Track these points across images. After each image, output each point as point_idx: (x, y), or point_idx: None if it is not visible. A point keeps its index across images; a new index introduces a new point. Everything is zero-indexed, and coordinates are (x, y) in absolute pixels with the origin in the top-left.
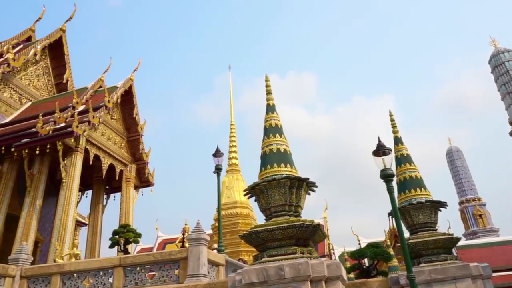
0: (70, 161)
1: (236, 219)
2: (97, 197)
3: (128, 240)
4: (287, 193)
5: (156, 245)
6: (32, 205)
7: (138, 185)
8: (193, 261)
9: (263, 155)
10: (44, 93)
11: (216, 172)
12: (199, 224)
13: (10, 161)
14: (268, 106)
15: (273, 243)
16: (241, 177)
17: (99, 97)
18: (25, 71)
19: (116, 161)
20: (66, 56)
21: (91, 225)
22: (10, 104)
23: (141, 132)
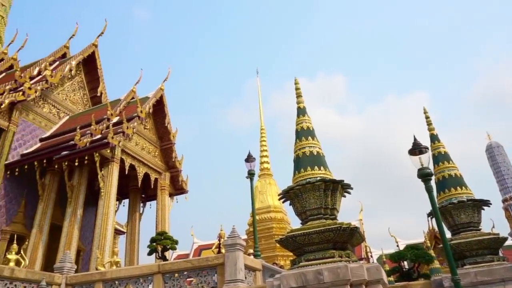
0: (107, 171)
1: (271, 224)
2: (133, 206)
3: (166, 247)
4: (322, 196)
5: (192, 251)
6: (73, 215)
7: (173, 192)
8: (230, 266)
9: (296, 159)
10: (80, 107)
11: (249, 177)
12: (235, 230)
13: (52, 173)
14: (299, 109)
15: (310, 247)
16: (273, 181)
17: (132, 108)
18: (62, 87)
19: (151, 169)
20: (99, 70)
21: (129, 233)
22: (49, 119)
23: (173, 140)
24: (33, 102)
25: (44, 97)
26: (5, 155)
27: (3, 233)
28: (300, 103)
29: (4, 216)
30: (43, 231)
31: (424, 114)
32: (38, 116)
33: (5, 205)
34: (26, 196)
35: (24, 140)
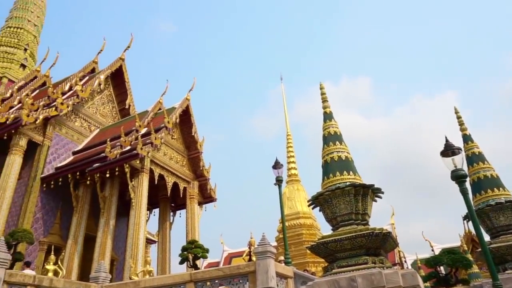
0: (137, 182)
1: (300, 230)
2: (164, 215)
3: (197, 255)
4: (353, 201)
5: (222, 259)
6: (106, 226)
7: (202, 201)
8: (262, 274)
9: (324, 164)
10: (109, 119)
11: (277, 184)
12: (265, 237)
13: (85, 185)
14: (325, 114)
15: (343, 253)
16: (301, 187)
17: (159, 119)
18: (92, 101)
19: (179, 179)
20: (127, 83)
21: (160, 242)
22: (81, 132)
23: (200, 149)
24: (65, 116)
25: (76, 111)
26: (40, 169)
27: (41, 244)
28: (326, 108)
29: (41, 227)
30: (78, 241)
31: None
32: (70, 130)
33: (42, 217)
34: (61, 208)
35: (58, 154)
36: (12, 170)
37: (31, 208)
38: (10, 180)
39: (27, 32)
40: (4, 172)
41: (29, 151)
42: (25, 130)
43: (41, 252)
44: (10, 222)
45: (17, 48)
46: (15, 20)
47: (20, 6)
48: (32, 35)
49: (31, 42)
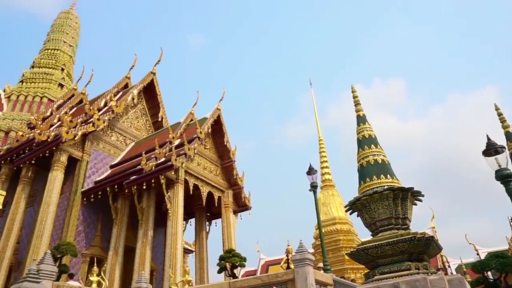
0: (173, 193)
1: (337, 236)
2: (200, 225)
3: (235, 264)
4: (392, 205)
5: (259, 267)
6: (145, 237)
7: (236, 209)
8: (301, 282)
9: (360, 168)
10: (143, 132)
11: (312, 190)
12: (302, 244)
13: (123, 198)
14: (359, 117)
15: (384, 259)
16: (336, 193)
17: (192, 130)
18: (126, 115)
19: (214, 188)
20: (159, 96)
21: (197, 251)
22: (117, 146)
23: (233, 158)
24: (102, 132)
25: (112, 126)
26: (81, 184)
27: (83, 256)
28: (359, 111)
29: (83, 240)
30: (119, 253)
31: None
32: (107, 144)
33: (84, 230)
34: (102, 221)
35: (97, 168)
36: (55, 185)
37: (74, 221)
38: (53, 195)
39: (63, 53)
40: (47, 188)
41: (70, 166)
42: (65, 146)
43: (84, 264)
44: (55, 236)
45: (55, 69)
46: (52, 42)
47: (56, 29)
48: (68, 55)
49: (68, 62)
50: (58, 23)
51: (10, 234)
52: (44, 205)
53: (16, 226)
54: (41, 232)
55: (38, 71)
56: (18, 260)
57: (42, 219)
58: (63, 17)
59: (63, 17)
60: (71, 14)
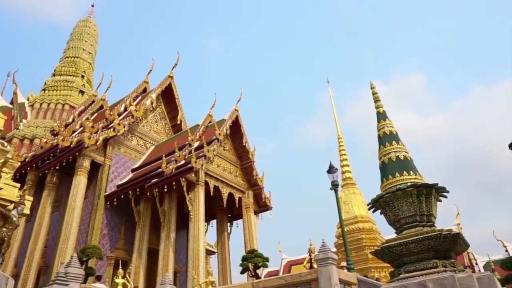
0: (194, 195)
1: (359, 235)
2: (221, 226)
3: (257, 265)
4: (416, 202)
5: (282, 267)
6: (167, 239)
7: (257, 210)
8: (324, 282)
9: (381, 165)
10: (163, 136)
11: (333, 189)
12: (325, 244)
13: (145, 201)
14: (379, 113)
15: (409, 257)
16: (357, 191)
17: (211, 132)
18: (145, 119)
19: (234, 189)
20: (177, 99)
21: (219, 252)
22: (138, 150)
23: (252, 158)
24: (122, 136)
25: (132, 130)
26: (104, 188)
27: (108, 259)
28: (379, 108)
29: (108, 243)
30: (142, 255)
31: None
32: (128, 148)
33: (108, 233)
34: (125, 224)
35: (118, 172)
36: (79, 190)
37: (98, 225)
38: (78, 200)
39: (83, 60)
40: (72, 193)
41: (92, 171)
42: (87, 152)
43: (109, 267)
44: (80, 239)
45: (75, 76)
46: (72, 50)
47: (75, 37)
48: (87, 62)
49: (87, 69)
50: (77, 31)
51: (37, 238)
52: (69, 209)
53: (43, 230)
54: (67, 236)
55: (59, 79)
56: (46, 263)
57: (68, 223)
58: (82, 25)
59: (82, 25)
60: (89, 22)
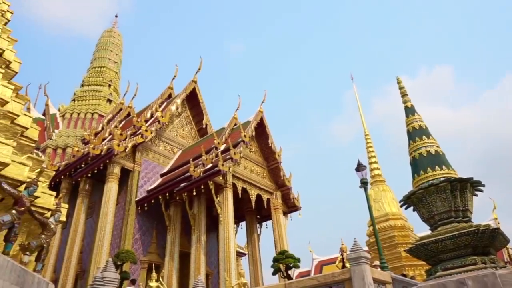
0: (222, 197)
1: (391, 232)
2: (250, 227)
3: (289, 265)
4: (450, 197)
5: (313, 267)
6: (198, 242)
7: (286, 210)
8: (358, 281)
9: (412, 161)
10: (189, 140)
11: (362, 187)
12: (357, 243)
13: (175, 205)
14: (407, 108)
15: (446, 254)
16: (387, 188)
17: (236, 134)
18: (172, 124)
19: (262, 190)
20: (202, 103)
21: (250, 254)
22: (165, 155)
23: (279, 159)
24: (150, 142)
25: (159, 136)
26: (134, 193)
27: (142, 263)
28: (407, 102)
29: (141, 247)
30: (174, 258)
31: None
32: (156, 154)
33: (140, 238)
34: (156, 228)
35: (148, 178)
36: (111, 196)
37: (130, 230)
38: (110, 206)
39: (109, 70)
40: (104, 199)
41: (123, 177)
42: (117, 159)
43: (142, 271)
44: (114, 244)
45: (103, 85)
46: (98, 60)
47: (101, 48)
48: (113, 71)
49: (114, 78)
50: (102, 41)
51: (73, 244)
52: (102, 215)
53: (78, 236)
54: (101, 242)
55: (88, 89)
56: (83, 268)
57: (101, 229)
58: (107, 35)
59: (107, 35)
60: (113, 32)
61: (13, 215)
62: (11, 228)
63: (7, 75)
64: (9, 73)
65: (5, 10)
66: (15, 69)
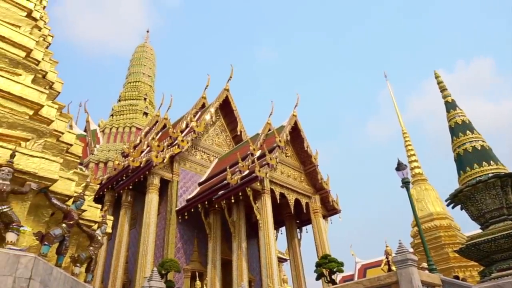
0: (261, 203)
1: (437, 233)
2: (290, 232)
3: (332, 270)
4: (501, 194)
5: (356, 271)
6: (239, 249)
7: (326, 214)
8: (405, 284)
9: (457, 158)
10: (225, 148)
11: (404, 187)
12: (402, 245)
13: (214, 213)
14: (447, 103)
15: (500, 254)
16: (430, 186)
17: (271, 139)
18: (207, 133)
19: (300, 195)
20: (235, 111)
21: (291, 259)
22: (202, 164)
23: (315, 162)
24: (187, 152)
25: (195, 145)
26: (174, 203)
27: (185, 272)
28: (447, 97)
29: (183, 256)
30: (216, 266)
31: None
32: (193, 163)
33: (182, 247)
34: (197, 236)
35: (186, 187)
36: (152, 207)
37: (172, 239)
38: (152, 216)
39: (143, 83)
40: (146, 210)
41: (162, 188)
42: (156, 170)
43: (186, 279)
44: (157, 254)
45: (138, 99)
46: (133, 75)
47: (135, 63)
48: (148, 85)
49: (148, 91)
50: (135, 57)
51: (119, 255)
52: (145, 226)
53: (123, 247)
54: (145, 252)
55: (125, 104)
56: (129, 278)
57: (145, 239)
58: (140, 50)
59: (140, 50)
60: (146, 47)
61: (63, 229)
62: (62, 241)
63: (51, 95)
64: (53, 93)
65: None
66: (58, 89)
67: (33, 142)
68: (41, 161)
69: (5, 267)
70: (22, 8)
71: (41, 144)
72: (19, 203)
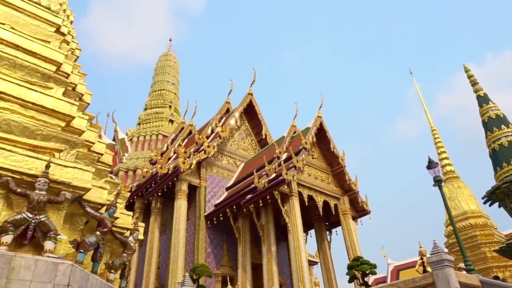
0: (289, 206)
1: (472, 232)
2: (320, 235)
3: (365, 272)
4: None
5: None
6: (269, 253)
7: (355, 215)
8: (442, 285)
9: (492, 153)
10: (251, 152)
11: (436, 185)
12: (437, 245)
13: (242, 217)
14: (479, 97)
15: None
16: (462, 184)
17: (297, 142)
18: (232, 138)
19: (328, 196)
20: (259, 114)
21: (322, 262)
22: (229, 169)
23: (343, 163)
24: (213, 157)
25: (221, 151)
26: (203, 208)
27: (216, 276)
28: (479, 91)
29: (213, 261)
30: (247, 270)
31: None
32: (220, 168)
33: (212, 251)
34: (226, 241)
35: (214, 192)
36: (181, 212)
37: (202, 244)
38: (181, 222)
39: (168, 91)
40: (175, 215)
41: (190, 193)
42: (184, 176)
43: (217, 284)
44: (188, 259)
45: (164, 107)
46: (158, 84)
47: (159, 71)
48: (172, 93)
49: (173, 99)
50: (160, 65)
51: (150, 261)
52: (175, 232)
53: (154, 253)
54: (176, 257)
55: (151, 112)
56: (161, 283)
57: (175, 245)
58: (163, 59)
59: (163, 59)
60: (169, 56)
61: (97, 236)
62: (97, 248)
63: (81, 106)
64: (83, 104)
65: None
66: (87, 100)
67: (66, 153)
68: (74, 171)
69: (44, 275)
70: (51, 24)
71: (74, 155)
72: (55, 212)
